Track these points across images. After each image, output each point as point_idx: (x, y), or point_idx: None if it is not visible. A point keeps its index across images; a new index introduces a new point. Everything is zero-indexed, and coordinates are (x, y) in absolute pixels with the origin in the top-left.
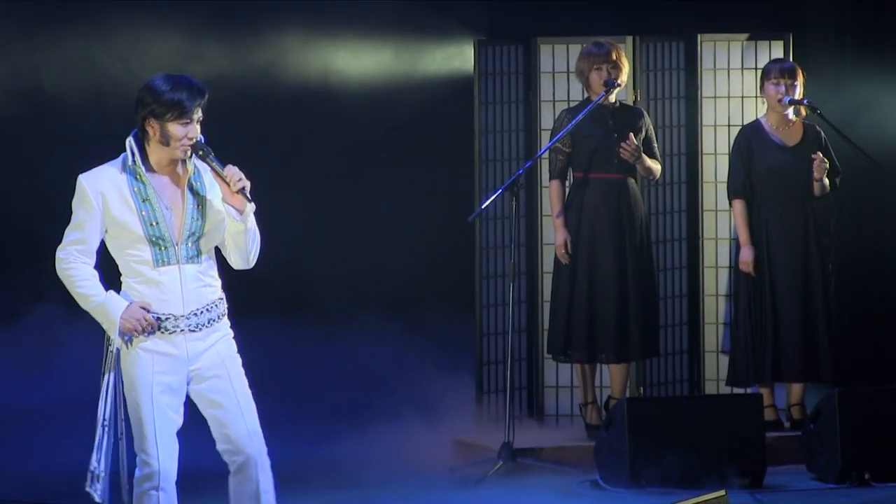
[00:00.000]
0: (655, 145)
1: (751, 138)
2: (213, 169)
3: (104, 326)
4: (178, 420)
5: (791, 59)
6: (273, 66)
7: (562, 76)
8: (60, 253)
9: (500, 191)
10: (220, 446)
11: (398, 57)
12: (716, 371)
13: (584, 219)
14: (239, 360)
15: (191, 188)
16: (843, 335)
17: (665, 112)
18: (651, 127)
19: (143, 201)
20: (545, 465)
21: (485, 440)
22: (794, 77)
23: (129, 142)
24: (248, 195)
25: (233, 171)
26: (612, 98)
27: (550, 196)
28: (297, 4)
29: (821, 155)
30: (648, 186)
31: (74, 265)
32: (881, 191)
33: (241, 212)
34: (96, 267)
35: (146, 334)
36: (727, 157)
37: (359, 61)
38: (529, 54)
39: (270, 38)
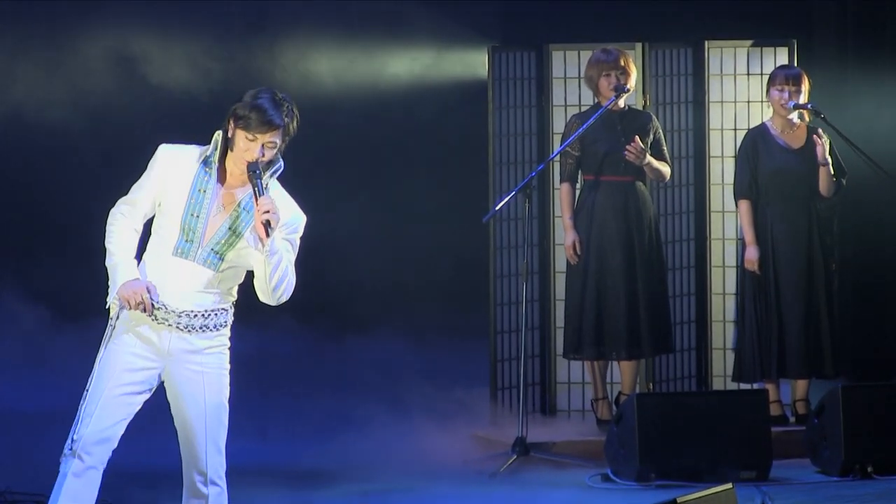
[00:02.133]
0: (665, 148)
1: (756, 141)
2: (253, 192)
3: (109, 285)
4: (130, 406)
5: (796, 65)
6: (288, 71)
7: (573, 81)
8: (115, 206)
9: (513, 193)
10: (183, 458)
11: (414, 63)
12: (723, 367)
13: (594, 220)
14: (224, 377)
15: (244, 203)
16: (846, 332)
17: (673, 116)
18: (660, 130)
19: (199, 191)
20: (557, 459)
21: (499, 435)
22: (798, 82)
23: (217, 135)
24: (271, 230)
25: (264, 202)
26: (621, 103)
27: (561, 198)
28: (313, 11)
29: (822, 136)
30: (657, 188)
31: (116, 221)
32: (883, 193)
33: (262, 242)
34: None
35: (140, 311)
36: (733, 159)
37: (374, 67)
38: (542, 60)
39: (286, 43)
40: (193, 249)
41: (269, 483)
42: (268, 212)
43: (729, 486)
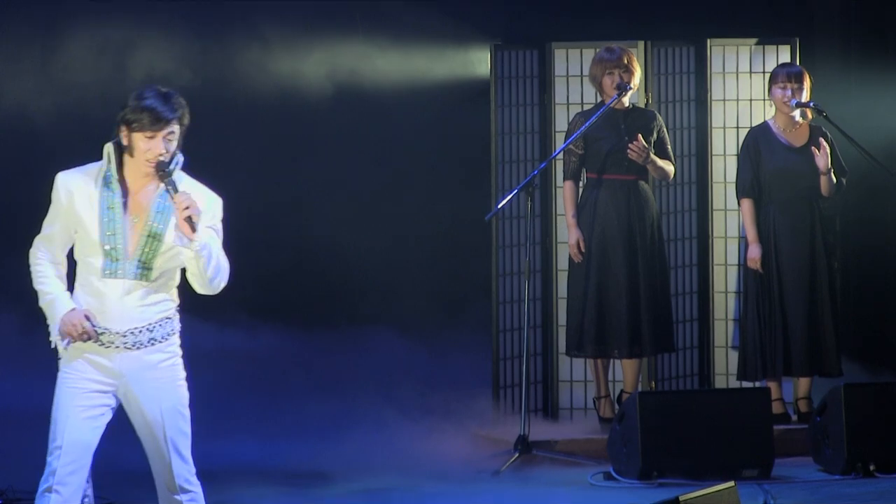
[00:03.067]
0: (669, 147)
1: (759, 139)
2: (168, 191)
3: (49, 324)
4: (95, 431)
5: (798, 64)
6: (290, 71)
7: (575, 80)
8: (33, 246)
9: (515, 191)
10: (152, 470)
11: (417, 61)
12: (725, 366)
13: (596, 219)
14: (180, 387)
15: (157, 207)
16: (849, 330)
17: (676, 115)
18: (664, 129)
19: (108, 209)
20: (559, 458)
21: (501, 433)
22: (800, 81)
23: (108, 147)
24: (195, 225)
25: (181, 199)
26: (625, 101)
27: (564, 196)
28: (313, 8)
29: (818, 149)
30: (660, 186)
31: (37, 261)
32: (885, 191)
33: (190, 239)
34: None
35: (83, 340)
36: (736, 158)
37: (377, 65)
38: (544, 58)
39: (287, 43)
40: (121, 267)
41: (270, 483)
42: (188, 207)
43: (731, 484)
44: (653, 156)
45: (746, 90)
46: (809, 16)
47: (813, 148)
